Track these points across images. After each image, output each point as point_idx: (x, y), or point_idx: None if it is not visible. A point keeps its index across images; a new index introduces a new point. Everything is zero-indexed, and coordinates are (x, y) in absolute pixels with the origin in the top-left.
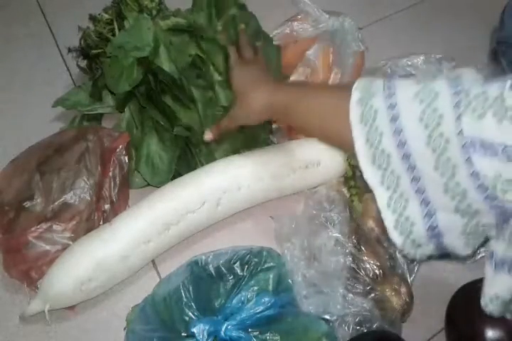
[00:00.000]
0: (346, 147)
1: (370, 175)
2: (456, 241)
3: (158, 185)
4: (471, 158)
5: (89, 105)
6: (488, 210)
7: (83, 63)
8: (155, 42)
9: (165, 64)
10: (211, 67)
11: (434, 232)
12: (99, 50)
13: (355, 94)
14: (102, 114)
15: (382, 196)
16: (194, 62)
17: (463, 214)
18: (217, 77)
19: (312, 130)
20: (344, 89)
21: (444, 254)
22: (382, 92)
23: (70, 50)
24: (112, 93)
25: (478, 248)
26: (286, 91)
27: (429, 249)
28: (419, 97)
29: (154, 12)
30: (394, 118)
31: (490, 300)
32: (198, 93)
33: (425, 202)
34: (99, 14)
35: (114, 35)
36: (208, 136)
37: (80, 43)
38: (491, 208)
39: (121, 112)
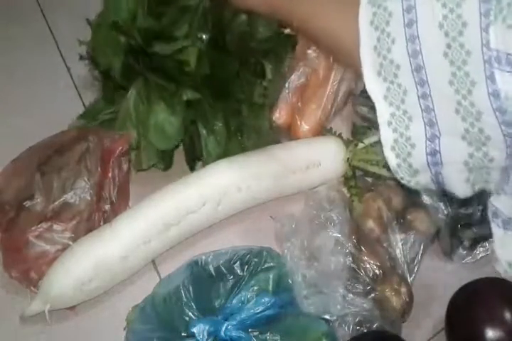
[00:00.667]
0: (350, 56)
1: (374, 87)
2: (455, 175)
3: (170, 148)
4: (493, 74)
5: (103, 110)
6: (501, 139)
7: (95, 72)
8: (132, 7)
9: (143, 21)
10: None
11: (434, 159)
12: None
13: None
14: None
15: (384, 112)
16: None
17: (470, 142)
18: None
19: (315, 35)
20: None
21: (442, 191)
22: None
23: (81, 58)
24: (108, 75)
25: (478, 197)
26: None
27: (425, 177)
28: (443, 0)
29: None
30: (410, 24)
31: (509, 266)
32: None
33: (431, 123)
34: None
35: None
36: None
37: (87, 52)
38: (505, 136)
39: (127, 89)
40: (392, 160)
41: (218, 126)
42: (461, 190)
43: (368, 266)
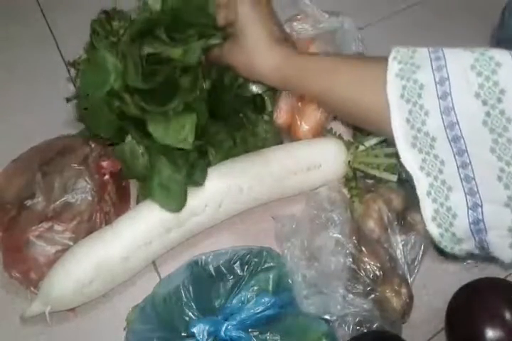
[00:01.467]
0: (379, 125)
1: (409, 158)
2: (501, 241)
3: (178, 211)
4: None
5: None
6: None
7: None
8: (119, 66)
9: (136, 82)
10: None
11: (477, 227)
12: None
13: (394, 66)
14: None
15: (422, 183)
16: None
17: None
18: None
19: (335, 106)
20: (377, 60)
21: (487, 257)
22: (429, 64)
23: (68, 101)
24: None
25: None
26: (304, 57)
27: (470, 245)
28: (477, 69)
29: (121, 31)
30: (444, 96)
31: None
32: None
33: (471, 192)
34: (78, 57)
35: None
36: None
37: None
38: None
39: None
40: (434, 230)
41: (225, 143)
42: (506, 255)
43: (368, 266)
